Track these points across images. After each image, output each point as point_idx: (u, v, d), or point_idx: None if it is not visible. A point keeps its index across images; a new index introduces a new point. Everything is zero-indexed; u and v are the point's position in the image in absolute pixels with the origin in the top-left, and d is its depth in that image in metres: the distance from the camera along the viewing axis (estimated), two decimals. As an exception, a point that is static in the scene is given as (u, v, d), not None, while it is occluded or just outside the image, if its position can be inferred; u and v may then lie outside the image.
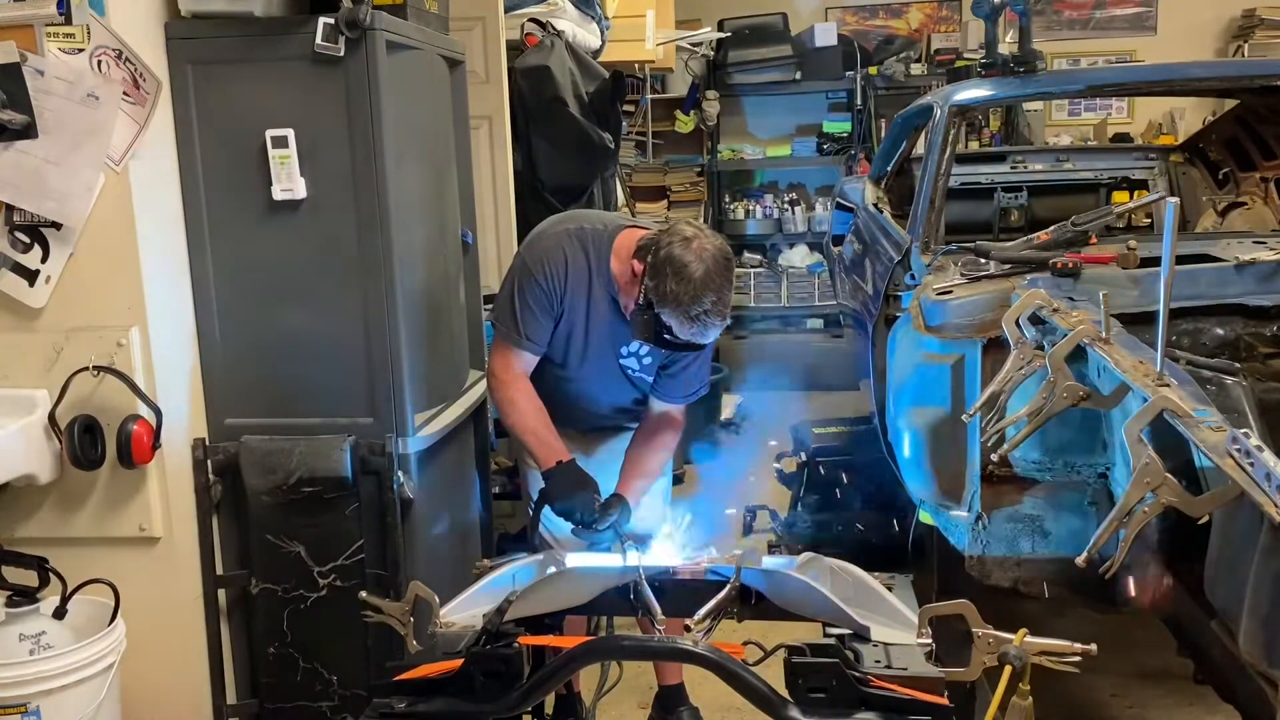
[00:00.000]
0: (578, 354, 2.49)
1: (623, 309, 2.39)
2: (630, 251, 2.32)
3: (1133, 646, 3.15)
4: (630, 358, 2.51)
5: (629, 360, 2.52)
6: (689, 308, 2.21)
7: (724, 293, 2.26)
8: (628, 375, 2.54)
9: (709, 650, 1.53)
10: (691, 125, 7.49)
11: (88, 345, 2.26)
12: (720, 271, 2.25)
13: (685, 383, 2.55)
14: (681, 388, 2.56)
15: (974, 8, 3.64)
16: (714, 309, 2.24)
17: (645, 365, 2.52)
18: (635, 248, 2.31)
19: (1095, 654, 1.45)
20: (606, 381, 2.55)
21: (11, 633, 2.19)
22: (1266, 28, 6.96)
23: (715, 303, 2.24)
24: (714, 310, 2.24)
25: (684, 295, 2.20)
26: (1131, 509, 1.77)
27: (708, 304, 2.23)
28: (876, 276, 3.45)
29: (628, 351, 2.51)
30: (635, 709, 3.14)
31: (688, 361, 2.50)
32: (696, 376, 2.56)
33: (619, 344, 2.49)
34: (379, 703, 1.63)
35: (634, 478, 2.48)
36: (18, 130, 2.18)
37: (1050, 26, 7.42)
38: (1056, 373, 2.13)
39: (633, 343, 2.48)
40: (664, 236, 2.27)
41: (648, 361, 2.51)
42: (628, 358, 2.51)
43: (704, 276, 2.21)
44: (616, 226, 2.44)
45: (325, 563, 2.44)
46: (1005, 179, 4.50)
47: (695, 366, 2.54)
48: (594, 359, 2.50)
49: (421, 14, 2.58)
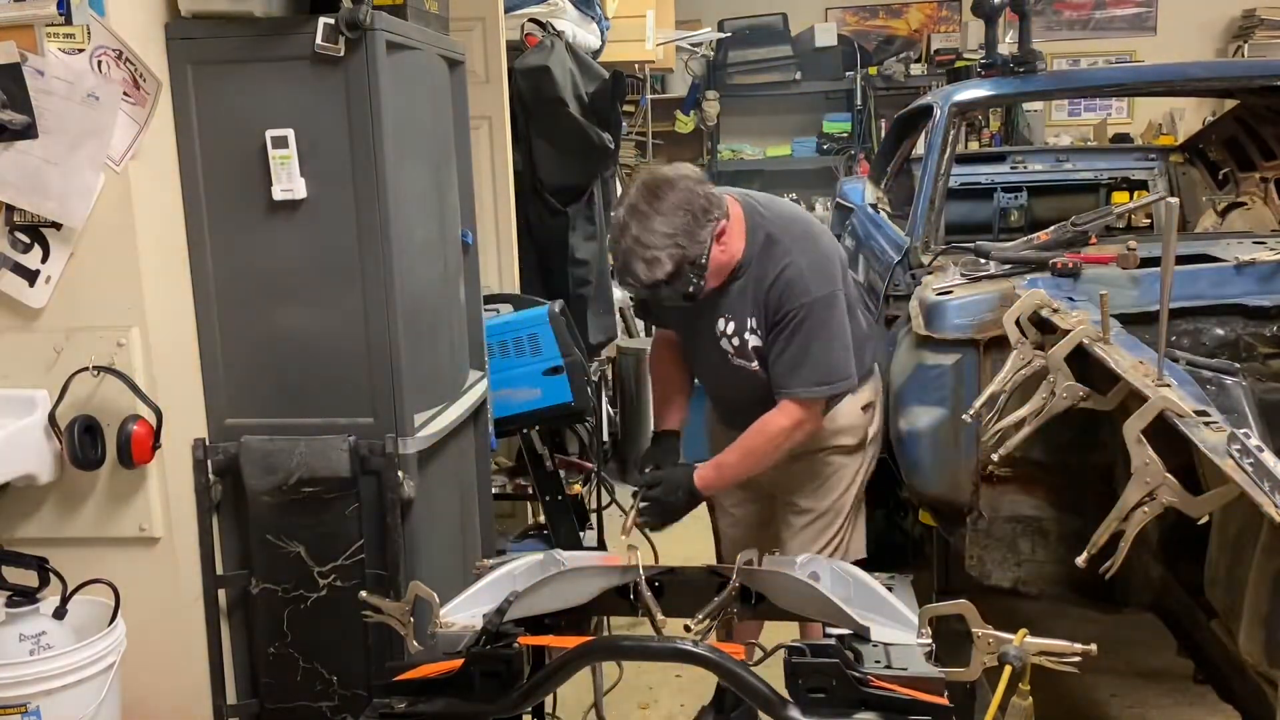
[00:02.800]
0: (688, 337, 2.57)
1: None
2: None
3: (1133, 646, 3.15)
4: (723, 339, 2.46)
5: (724, 343, 2.46)
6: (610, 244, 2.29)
7: (632, 221, 2.23)
8: (731, 362, 2.47)
9: (709, 650, 1.53)
10: (691, 125, 7.50)
11: (88, 345, 2.25)
12: (635, 200, 2.24)
13: (782, 371, 2.37)
14: (780, 377, 2.38)
15: (973, 8, 3.64)
16: (618, 237, 2.26)
17: (737, 347, 2.44)
18: None
19: (1095, 654, 1.45)
20: (718, 367, 2.51)
21: (11, 633, 2.19)
22: (1266, 28, 6.97)
23: (620, 229, 2.25)
24: (619, 239, 2.25)
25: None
26: (1131, 509, 1.77)
27: (616, 232, 2.27)
28: (876, 277, 3.45)
29: (720, 332, 2.46)
30: (635, 709, 3.14)
31: (781, 347, 2.36)
32: (793, 363, 2.35)
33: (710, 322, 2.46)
34: (379, 703, 1.63)
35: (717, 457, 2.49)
36: (18, 130, 2.18)
37: (1050, 26, 7.43)
38: (1056, 373, 2.13)
39: (718, 320, 2.44)
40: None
41: (737, 343, 2.44)
42: (721, 339, 2.46)
43: (621, 211, 2.26)
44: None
45: (325, 563, 2.44)
46: (1005, 179, 4.51)
47: (790, 352, 2.35)
48: (694, 339, 2.53)
49: (421, 14, 2.58)
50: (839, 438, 2.54)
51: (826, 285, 2.36)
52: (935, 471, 2.67)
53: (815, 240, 2.43)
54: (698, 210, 2.25)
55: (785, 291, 2.35)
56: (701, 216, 2.26)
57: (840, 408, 2.51)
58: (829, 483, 2.57)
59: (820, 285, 2.36)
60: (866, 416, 2.59)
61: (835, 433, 2.53)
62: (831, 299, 2.36)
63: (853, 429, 2.56)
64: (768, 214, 2.43)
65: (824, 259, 2.40)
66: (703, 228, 2.26)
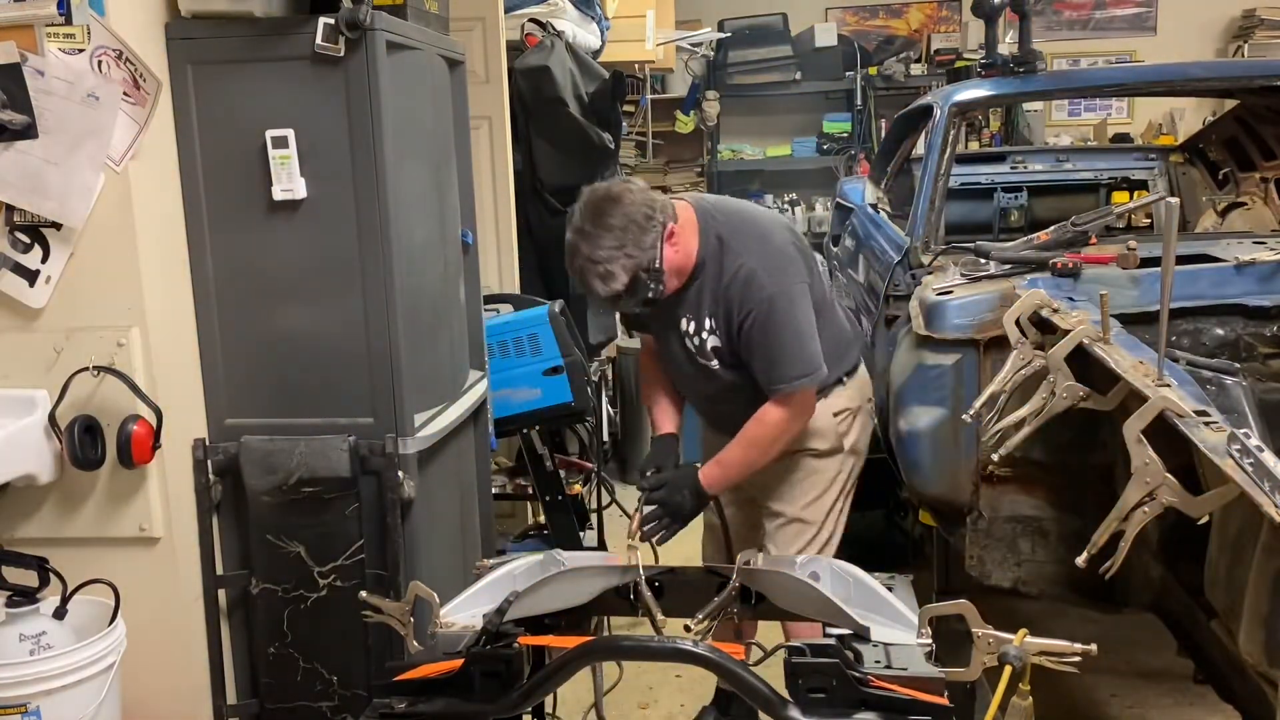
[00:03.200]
0: (659, 340, 2.61)
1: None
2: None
3: (1133, 646, 3.15)
4: (686, 338, 2.49)
5: (688, 341, 2.49)
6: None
7: (581, 242, 2.30)
8: (696, 361, 2.50)
9: (709, 650, 1.53)
10: (691, 125, 7.50)
11: (88, 345, 2.25)
12: (580, 222, 2.31)
13: (762, 369, 2.41)
14: (762, 375, 2.42)
15: (973, 8, 3.64)
16: (571, 259, 2.32)
17: (698, 346, 2.48)
18: None
19: (1095, 654, 1.45)
20: (684, 367, 2.55)
21: (11, 633, 2.19)
22: (1266, 28, 6.97)
23: (572, 252, 2.32)
24: (573, 261, 2.32)
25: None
26: (1132, 509, 1.77)
27: (569, 255, 2.33)
28: (876, 277, 3.45)
29: (683, 331, 2.49)
30: (635, 709, 3.14)
31: (754, 346, 2.39)
32: (771, 360, 2.38)
33: (674, 323, 2.50)
34: (379, 703, 1.62)
35: (720, 455, 2.49)
36: (18, 130, 2.18)
37: (1050, 26, 7.42)
38: (1056, 373, 2.13)
39: (680, 319, 2.48)
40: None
41: (697, 342, 2.48)
42: (685, 338, 2.49)
43: (570, 234, 2.32)
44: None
45: (325, 563, 2.44)
46: (1005, 179, 4.51)
47: (764, 349, 2.38)
48: (663, 342, 2.58)
49: (421, 14, 2.58)
50: (809, 440, 2.55)
51: (782, 280, 2.39)
52: (935, 471, 2.67)
53: (767, 239, 2.46)
54: (639, 218, 2.30)
55: (743, 291, 2.38)
56: (645, 223, 2.31)
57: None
58: (801, 486, 2.57)
59: (775, 281, 2.38)
60: (840, 422, 2.58)
61: (806, 435, 2.53)
62: (790, 293, 2.39)
63: (822, 433, 2.55)
64: (719, 216, 2.47)
65: (777, 256, 2.43)
66: (647, 233, 2.31)
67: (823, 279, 2.60)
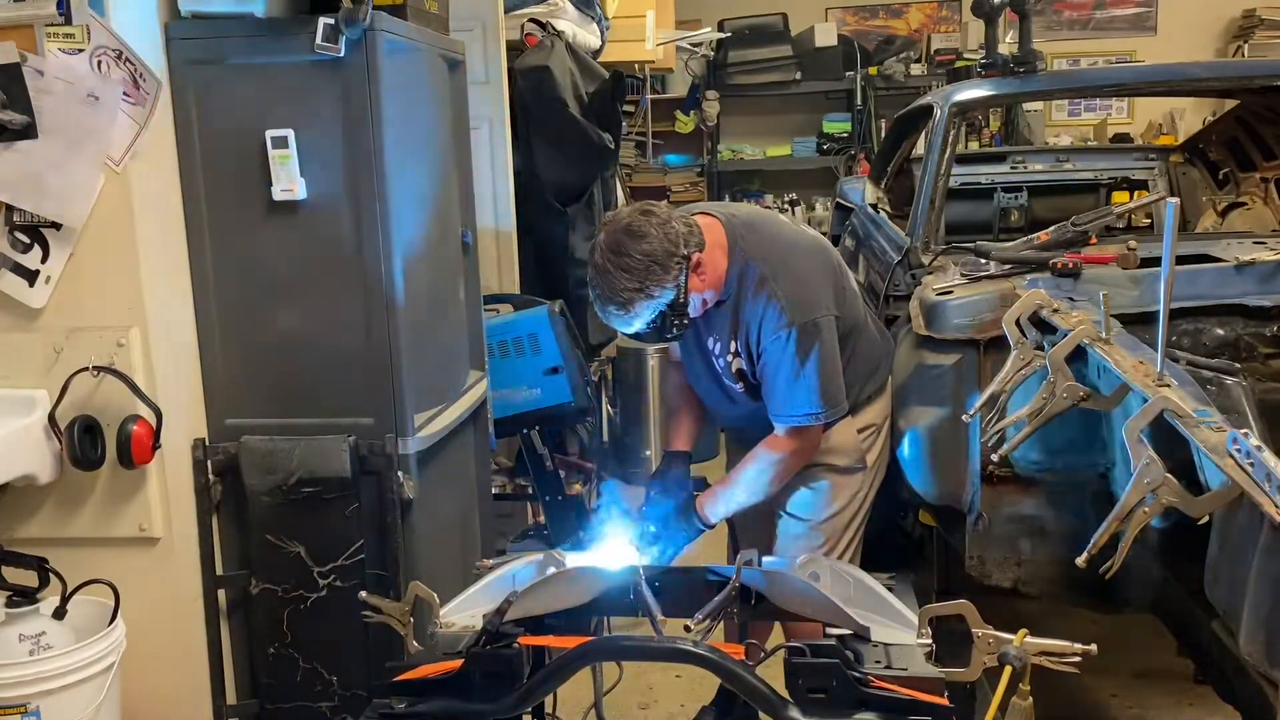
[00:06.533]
0: (685, 356, 2.59)
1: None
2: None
3: (1133, 646, 3.15)
4: (714, 358, 2.48)
5: (716, 362, 2.49)
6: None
7: (600, 279, 2.27)
8: (722, 380, 2.50)
9: (709, 650, 1.53)
10: (691, 125, 7.50)
11: (88, 345, 2.25)
12: (600, 260, 2.27)
13: (772, 401, 2.39)
14: (772, 406, 2.40)
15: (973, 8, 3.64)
16: (593, 293, 2.31)
17: (723, 368, 2.47)
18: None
19: (1095, 654, 1.45)
20: (710, 385, 2.55)
21: (11, 633, 2.19)
22: (1266, 28, 6.97)
23: (592, 286, 2.31)
24: (595, 297, 2.31)
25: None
26: (1132, 509, 1.77)
27: (590, 288, 2.32)
28: (876, 277, 3.45)
29: (710, 351, 2.49)
30: (635, 709, 3.14)
31: (769, 378, 2.37)
32: (778, 395, 2.37)
33: (702, 341, 2.50)
34: (379, 703, 1.62)
35: (717, 484, 2.52)
36: (18, 130, 2.18)
37: (1050, 26, 7.43)
38: (1056, 373, 2.13)
39: (708, 339, 2.47)
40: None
41: (723, 364, 2.46)
42: (712, 358, 2.49)
43: (590, 269, 2.31)
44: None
45: (325, 563, 2.44)
46: (1005, 179, 4.50)
47: (778, 383, 2.36)
48: (690, 358, 2.58)
49: (421, 14, 2.58)
50: (829, 456, 2.52)
51: (807, 313, 2.33)
52: (935, 471, 2.67)
53: (796, 265, 2.39)
54: (660, 256, 2.23)
55: (765, 322, 2.34)
56: (667, 260, 2.24)
57: (835, 427, 2.48)
58: (823, 497, 2.55)
59: (800, 314, 2.32)
60: (864, 438, 2.56)
61: (826, 451, 2.50)
62: (813, 328, 2.33)
63: (844, 450, 2.52)
64: (749, 236, 2.40)
65: (804, 286, 2.37)
66: (669, 271, 2.24)
67: (856, 296, 2.56)
